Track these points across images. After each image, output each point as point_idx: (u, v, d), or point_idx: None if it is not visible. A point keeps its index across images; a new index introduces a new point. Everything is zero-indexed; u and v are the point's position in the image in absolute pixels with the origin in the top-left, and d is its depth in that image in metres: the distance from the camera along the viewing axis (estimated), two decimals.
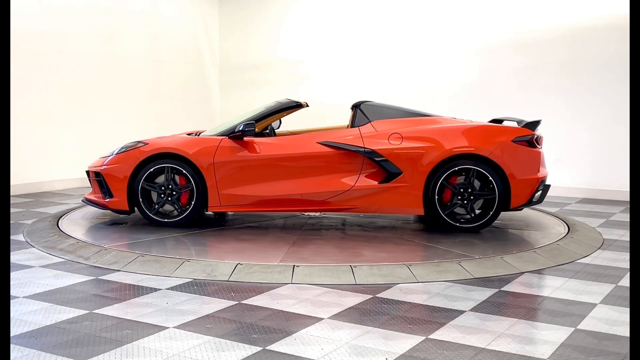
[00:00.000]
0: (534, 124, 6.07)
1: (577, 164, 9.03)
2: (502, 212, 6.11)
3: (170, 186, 6.07)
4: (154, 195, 6.17)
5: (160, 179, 6.14)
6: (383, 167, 5.90)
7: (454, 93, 9.77)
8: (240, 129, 5.99)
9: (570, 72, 9.01)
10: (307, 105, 7.10)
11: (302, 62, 11.22)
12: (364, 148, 5.92)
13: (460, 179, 5.89)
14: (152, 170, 6.05)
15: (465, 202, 5.89)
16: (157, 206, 6.10)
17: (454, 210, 5.94)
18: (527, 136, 5.94)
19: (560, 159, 8.94)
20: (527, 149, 5.92)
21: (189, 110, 11.54)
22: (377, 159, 5.89)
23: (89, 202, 6.42)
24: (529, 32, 9.23)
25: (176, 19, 11.28)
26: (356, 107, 6.24)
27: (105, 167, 6.20)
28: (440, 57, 9.95)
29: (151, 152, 6.06)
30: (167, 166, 6.04)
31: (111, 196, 6.15)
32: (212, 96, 12.12)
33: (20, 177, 8.66)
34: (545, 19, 9.12)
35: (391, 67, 10.34)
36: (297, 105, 6.48)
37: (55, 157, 9.34)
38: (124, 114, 10.35)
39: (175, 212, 6.11)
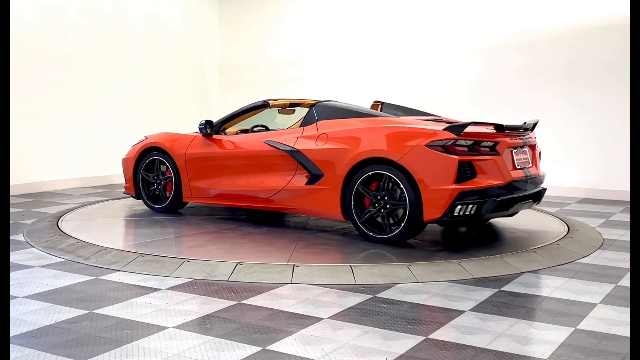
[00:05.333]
0: (459, 127, 5.19)
1: (578, 163, 9.02)
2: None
3: (159, 176, 6.85)
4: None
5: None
6: (306, 168, 5.76)
7: (455, 93, 9.76)
8: (199, 127, 6.52)
9: (571, 72, 9.01)
10: None
11: (302, 62, 11.21)
12: (292, 148, 5.84)
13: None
14: (147, 161, 6.90)
15: (382, 210, 5.35)
16: (153, 191, 6.88)
17: (377, 219, 5.41)
18: (443, 140, 5.13)
19: (560, 159, 8.94)
20: (440, 154, 5.10)
21: (189, 110, 11.53)
22: (300, 159, 5.78)
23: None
24: (531, 32, 9.22)
25: (176, 19, 11.28)
26: (311, 106, 6.14)
27: (123, 157, 7.25)
28: (441, 58, 9.95)
29: (145, 146, 6.93)
30: (156, 159, 6.83)
31: (126, 183, 7.17)
32: (212, 96, 12.12)
33: (20, 177, 8.65)
34: (546, 19, 9.11)
35: (395, 68, 10.33)
36: (263, 105, 6.58)
37: (55, 157, 9.33)
38: (124, 114, 10.35)
39: (162, 200, 6.87)
